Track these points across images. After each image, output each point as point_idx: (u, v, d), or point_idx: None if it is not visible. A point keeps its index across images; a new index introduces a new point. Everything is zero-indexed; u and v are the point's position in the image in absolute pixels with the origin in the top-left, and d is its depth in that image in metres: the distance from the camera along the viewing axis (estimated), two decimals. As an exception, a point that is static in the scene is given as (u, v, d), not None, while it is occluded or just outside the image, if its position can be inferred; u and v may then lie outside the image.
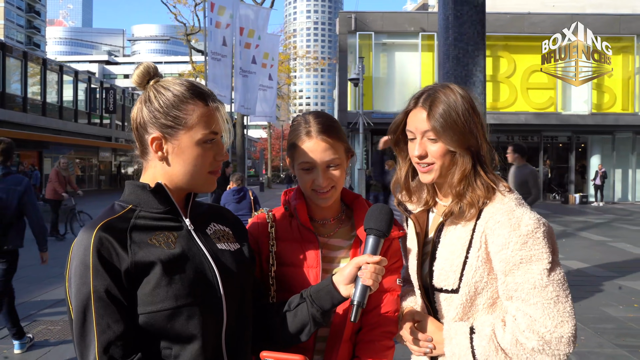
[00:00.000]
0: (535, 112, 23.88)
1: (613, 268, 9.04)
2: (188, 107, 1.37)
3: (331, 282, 1.47)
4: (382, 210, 1.48)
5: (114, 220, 1.32)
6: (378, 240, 1.45)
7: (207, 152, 1.39)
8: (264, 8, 18.38)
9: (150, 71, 1.43)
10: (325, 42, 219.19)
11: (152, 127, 1.37)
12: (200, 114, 1.37)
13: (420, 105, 1.58)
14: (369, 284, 1.38)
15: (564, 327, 1.40)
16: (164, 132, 1.37)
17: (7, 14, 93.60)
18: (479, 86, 5.34)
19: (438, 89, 1.59)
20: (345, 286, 1.44)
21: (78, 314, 1.24)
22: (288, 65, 45.64)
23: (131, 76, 1.47)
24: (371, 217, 1.48)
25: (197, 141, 1.37)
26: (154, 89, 1.40)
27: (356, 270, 1.42)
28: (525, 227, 1.44)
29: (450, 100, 1.55)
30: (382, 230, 1.45)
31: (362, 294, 1.39)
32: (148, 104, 1.39)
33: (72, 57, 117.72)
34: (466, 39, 5.32)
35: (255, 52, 16.06)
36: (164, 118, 1.36)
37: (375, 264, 1.40)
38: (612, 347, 5.12)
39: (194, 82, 1.45)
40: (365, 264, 1.40)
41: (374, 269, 1.39)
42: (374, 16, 24.87)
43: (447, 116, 1.52)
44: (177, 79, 1.45)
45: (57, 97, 31.47)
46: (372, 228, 1.46)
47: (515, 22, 23.57)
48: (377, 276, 1.40)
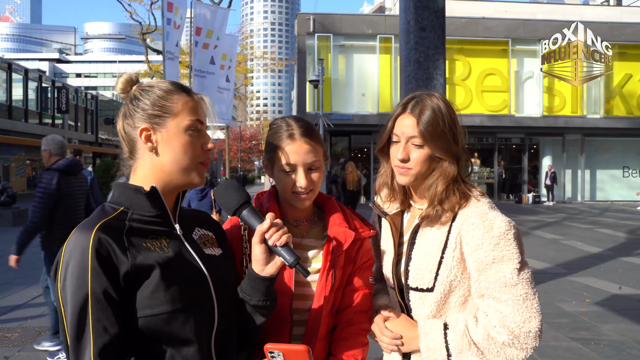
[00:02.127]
0: (489, 114, 24.48)
1: (565, 265, 9.39)
2: (173, 97, 1.42)
3: (253, 274, 1.46)
4: (224, 188, 1.49)
5: (110, 222, 1.32)
6: (249, 209, 1.46)
7: (195, 141, 1.42)
8: (222, 8, 18.20)
9: (133, 78, 1.48)
10: (283, 42, 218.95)
11: (140, 121, 1.41)
12: (184, 102, 1.43)
13: (409, 111, 1.64)
14: (283, 242, 1.40)
15: (532, 322, 1.49)
16: (152, 122, 1.40)
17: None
18: (439, 89, 5.46)
19: (425, 97, 1.66)
20: (267, 267, 1.44)
21: (74, 316, 1.22)
22: (246, 65, 45.37)
23: (114, 86, 1.51)
24: (226, 200, 1.48)
25: (184, 127, 1.40)
26: (139, 89, 1.45)
27: (262, 246, 1.42)
28: (497, 229, 1.53)
29: (437, 108, 1.62)
30: (243, 200, 1.46)
31: (288, 253, 1.40)
32: (135, 102, 1.43)
33: (21, 54, 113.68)
34: (427, 43, 5.42)
35: (213, 53, 15.88)
36: (152, 109, 1.40)
37: (269, 227, 1.41)
38: (567, 341, 5.32)
39: (175, 81, 1.49)
40: (262, 234, 1.41)
41: (273, 230, 1.40)
42: (332, 18, 25.00)
43: (435, 124, 1.59)
44: (159, 80, 1.51)
45: (6, 96, 30.37)
46: (237, 207, 1.46)
47: (470, 27, 24.11)
48: (281, 231, 1.41)
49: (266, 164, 1.75)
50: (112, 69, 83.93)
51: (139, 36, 31.88)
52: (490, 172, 26.32)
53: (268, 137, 1.75)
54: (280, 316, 1.63)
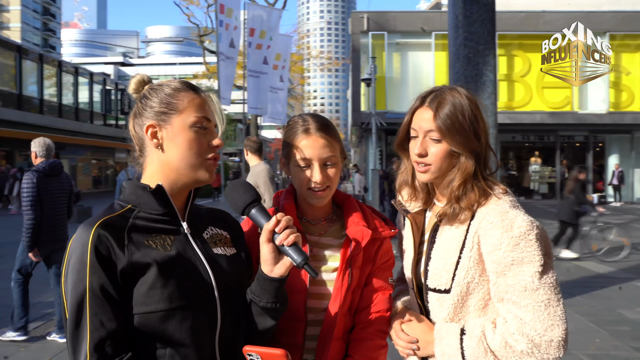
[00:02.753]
0: (550, 111, 23.60)
1: (631, 270, 8.90)
2: (180, 94, 1.43)
3: (262, 275, 1.42)
4: (234, 188, 1.47)
5: (113, 219, 1.34)
6: (258, 208, 1.43)
7: (201, 138, 1.42)
8: (276, 9, 18.39)
9: (146, 79, 1.50)
10: (339, 42, 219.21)
11: (147, 118, 1.43)
12: (190, 99, 1.43)
13: (427, 105, 1.58)
14: (291, 241, 1.35)
15: (554, 330, 1.39)
16: (158, 119, 1.41)
17: (23, 17, 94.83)
18: (489, 85, 5.27)
19: (445, 90, 1.59)
20: (276, 267, 1.40)
21: (72, 309, 1.25)
22: (302, 65, 45.68)
23: (128, 86, 1.54)
24: (234, 200, 1.45)
25: (189, 124, 1.41)
26: (150, 89, 1.47)
27: (270, 245, 1.38)
28: (517, 229, 1.43)
29: (457, 102, 1.55)
30: (251, 199, 1.43)
31: (296, 253, 1.35)
32: (144, 101, 1.45)
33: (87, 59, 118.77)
34: (476, 38, 5.26)
35: (267, 53, 16.06)
36: (159, 107, 1.42)
37: (275, 225, 1.37)
38: (628, 350, 5.03)
39: (186, 80, 1.50)
40: (269, 232, 1.37)
41: (280, 228, 1.36)
42: (386, 16, 24.77)
43: (453, 117, 1.52)
44: (171, 80, 1.51)
45: (73, 98, 31.77)
46: (245, 207, 1.43)
47: (529, 21, 23.31)
48: (289, 231, 1.36)
49: (283, 160, 1.74)
50: (172, 71, 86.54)
51: (197, 38, 32.65)
52: (552, 171, 25.39)
53: (285, 133, 1.74)
54: (294, 315, 1.61)
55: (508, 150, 25.76)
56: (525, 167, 25.85)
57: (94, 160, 33.89)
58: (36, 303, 6.61)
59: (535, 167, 25.56)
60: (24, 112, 26.41)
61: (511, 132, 24.42)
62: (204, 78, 39.02)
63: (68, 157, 29.82)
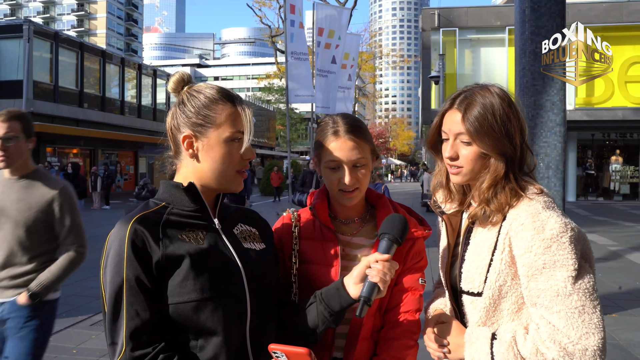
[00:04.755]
0: (634, 107, 22.27)
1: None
2: (217, 107, 1.46)
3: (341, 283, 1.49)
4: (395, 218, 1.51)
5: (148, 214, 1.42)
6: (390, 243, 1.46)
7: (234, 151, 1.47)
8: (346, 9, 18.44)
9: (185, 78, 1.53)
10: (412, 39, 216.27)
11: (184, 127, 1.48)
12: (228, 114, 1.46)
13: (456, 107, 1.55)
14: (376, 280, 1.39)
15: (590, 339, 1.32)
16: (194, 130, 1.46)
17: (108, 23, 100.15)
18: (557, 81, 5.07)
19: (476, 90, 1.55)
20: (355, 285, 1.45)
21: (111, 300, 1.33)
22: (372, 64, 45.50)
23: (167, 83, 1.59)
24: (385, 224, 1.50)
25: (225, 139, 1.45)
26: (188, 93, 1.50)
27: (365, 269, 1.43)
28: (549, 231, 1.37)
29: (487, 102, 1.50)
30: (395, 236, 1.46)
31: (368, 290, 1.40)
32: (182, 107, 1.49)
33: (166, 61, 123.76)
34: (544, 33, 5.06)
35: (335, 52, 16.11)
36: (195, 117, 1.46)
37: (384, 262, 1.41)
38: None
39: (223, 87, 1.53)
40: (374, 262, 1.41)
41: (382, 266, 1.40)
42: (458, 12, 24.22)
43: (482, 119, 1.49)
44: (208, 84, 1.54)
45: (152, 100, 33.16)
46: (384, 233, 1.48)
47: (612, 11, 22.09)
48: (385, 274, 1.40)
49: (315, 160, 1.77)
50: (246, 72, 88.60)
51: (269, 39, 33.23)
52: (635, 170, 23.97)
53: (317, 134, 1.76)
54: None
55: (586, 149, 24.55)
56: (606, 166, 24.55)
57: (170, 159, 35.22)
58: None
59: (616, 167, 24.21)
60: (107, 113, 27.88)
61: (590, 129, 23.26)
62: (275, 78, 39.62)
63: (146, 156, 31.16)
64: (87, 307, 6.34)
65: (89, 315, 6.04)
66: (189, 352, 1.37)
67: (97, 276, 1.46)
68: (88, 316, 6.00)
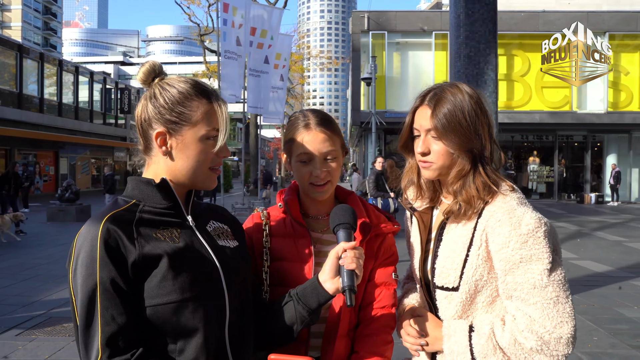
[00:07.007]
0: (550, 111, 23.64)
1: (629, 268, 8.94)
2: (193, 103, 1.40)
3: (317, 280, 1.49)
4: (342, 208, 1.55)
5: (120, 213, 1.34)
6: (348, 231, 1.50)
7: (209, 149, 1.42)
8: (277, 8, 18.38)
9: (156, 69, 1.45)
10: (339, 41, 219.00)
11: (156, 122, 1.40)
12: (204, 111, 1.41)
13: (426, 103, 1.58)
14: (352, 267, 1.41)
15: (563, 327, 1.39)
16: (168, 127, 1.40)
17: (24, 16, 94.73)
18: (490, 85, 5.31)
19: (445, 88, 1.58)
20: (332, 281, 1.46)
21: (83, 305, 1.24)
22: (302, 65, 45.64)
23: (136, 74, 1.49)
24: (335, 216, 1.53)
25: (200, 137, 1.40)
26: (159, 86, 1.43)
27: (336, 261, 1.45)
28: (525, 226, 1.43)
29: (457, 100, 1.54)
30: (349, 223, 1.50)
31: (349, 278, 1.41)
32: (153, 100, 1.41)
33: (87, 58, 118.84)
34: (478, 37, 5.29)
35: (268, 53, 16.07)
36: (169, 114, 1.39)
37: (351, 249, 1.43)
38: (626, 348, 5.06)
39: (198, 81, 1.47)
40: (342, 250, 1.44)
41: (353, 253, 1.43)
42: (387, 15, 24.78)
43: (451, 116, 1.52)
44: (181, 77, 1.48)
45: (73, 97, 31.74)
46: (338, 224, 1.51)
47: (529, 20, 23.34)
48: (358, 259, 1.43)
49: (285, 156, 1.76)
50: (172, 71, 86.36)
51: (197, 38, 32.63)
52: (550, 170, 25.43)
53: (287, 129, 1.76)
54: None
55: (507, 150, 25.77)
56: (524, 166, 25.91)
57: (93, 159, 33.86)
58: (34, 302, 6.68)
59: (533, 167, 25.63)
60: (24, 111, 26.39)
61: (510, 131, 24.45)
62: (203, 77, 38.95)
63: (67, 156, 29.80)
64: (11, 316, 6.01)
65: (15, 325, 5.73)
66: (168, 356, 1.31)
67: (21, 283, 1.36)
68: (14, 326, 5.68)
